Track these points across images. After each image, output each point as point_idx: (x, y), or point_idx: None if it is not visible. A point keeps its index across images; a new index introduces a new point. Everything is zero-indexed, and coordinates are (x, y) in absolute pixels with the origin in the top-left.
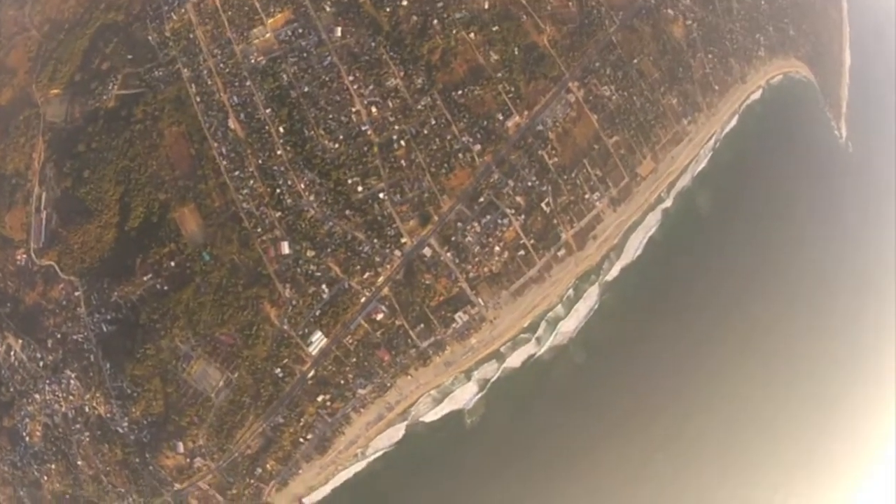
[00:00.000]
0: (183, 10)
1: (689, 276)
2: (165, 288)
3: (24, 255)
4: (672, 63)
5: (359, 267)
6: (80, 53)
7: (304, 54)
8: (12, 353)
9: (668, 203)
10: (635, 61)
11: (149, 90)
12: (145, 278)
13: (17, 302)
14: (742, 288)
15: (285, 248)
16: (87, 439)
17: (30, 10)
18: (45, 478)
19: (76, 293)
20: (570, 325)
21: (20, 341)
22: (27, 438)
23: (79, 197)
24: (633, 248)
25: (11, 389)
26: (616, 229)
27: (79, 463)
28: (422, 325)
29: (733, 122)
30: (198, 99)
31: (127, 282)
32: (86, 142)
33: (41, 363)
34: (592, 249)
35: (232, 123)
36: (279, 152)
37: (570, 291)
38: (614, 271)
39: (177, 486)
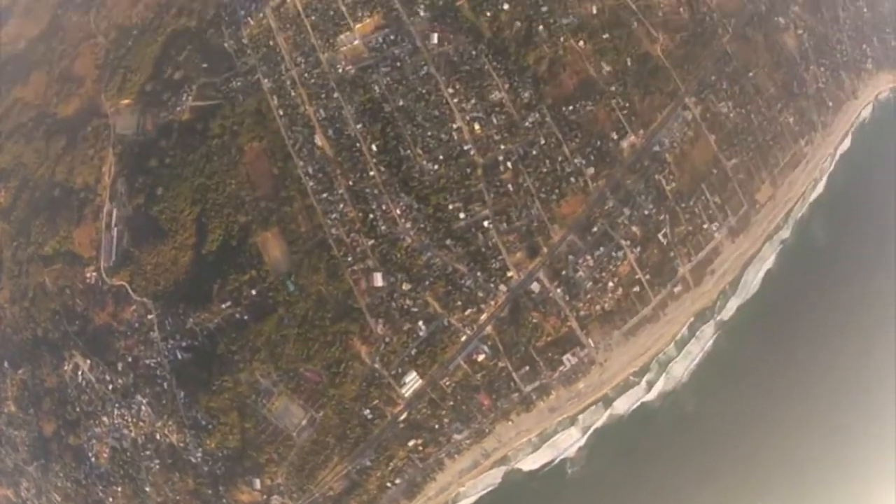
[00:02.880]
0: (262, 15)
1: (809, 316)
2: (245, 318)
3: (94, 274)
4: (787, 76)
5: (460, 303)
6: (150, 62)
7: (398, 63)
8: (80, 372)
9: (786, 233)
10: (751, 74)
11: (226, 102)
12: (224, 306)
13: (87, 321)
14: (866, 326)
15: (378, 279)
16: (158, 466)
17: (95, 15)
18: (111, 499)
19: (149, 316)
20: (680, 367)
21: (88, 362)
22: (93, 459)
23: (152, 215)
24: (750, 283)
25: (78, 409)
26: (734, 262)
27: (147, 489)
28: (526, 368)
29: (847, 142)
30: (280, 112)
31: (204, 308)
32: (159, 157)
33: (110, 386)
34: (710, 285)
35: (319, 140)
36: (372, 173)
37: (684, 331)
38: (730, 309)
39: None
